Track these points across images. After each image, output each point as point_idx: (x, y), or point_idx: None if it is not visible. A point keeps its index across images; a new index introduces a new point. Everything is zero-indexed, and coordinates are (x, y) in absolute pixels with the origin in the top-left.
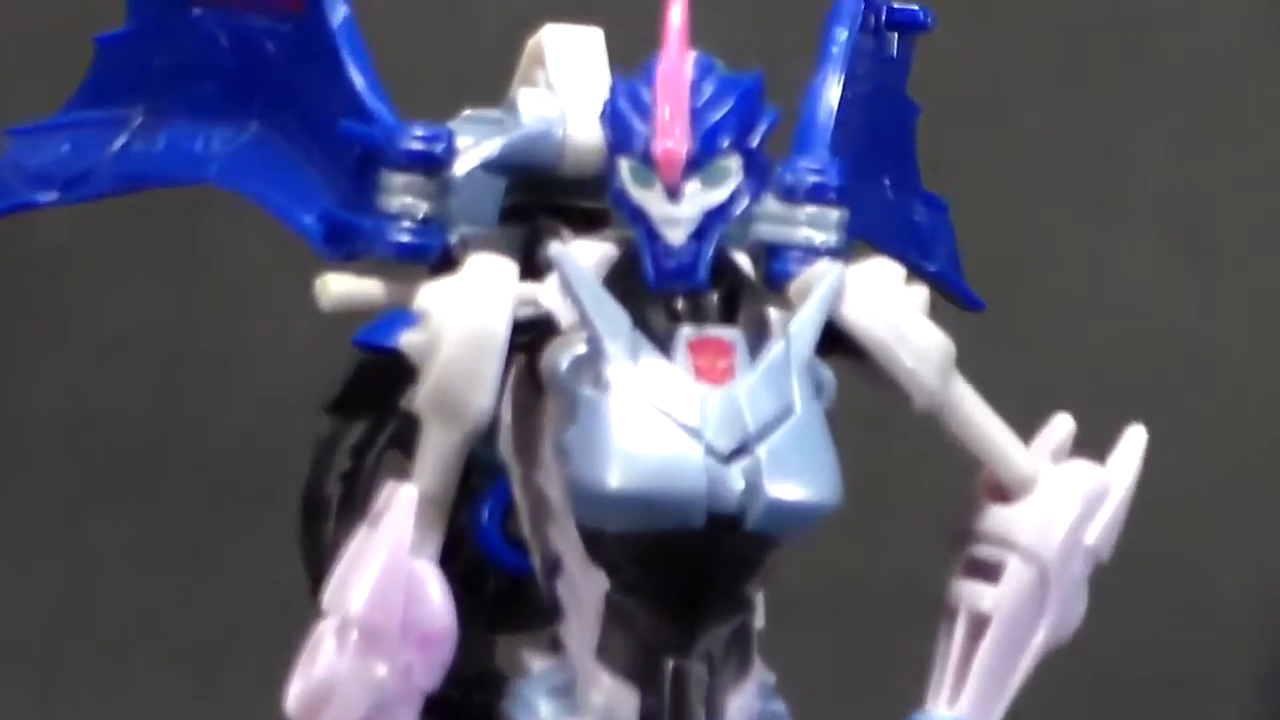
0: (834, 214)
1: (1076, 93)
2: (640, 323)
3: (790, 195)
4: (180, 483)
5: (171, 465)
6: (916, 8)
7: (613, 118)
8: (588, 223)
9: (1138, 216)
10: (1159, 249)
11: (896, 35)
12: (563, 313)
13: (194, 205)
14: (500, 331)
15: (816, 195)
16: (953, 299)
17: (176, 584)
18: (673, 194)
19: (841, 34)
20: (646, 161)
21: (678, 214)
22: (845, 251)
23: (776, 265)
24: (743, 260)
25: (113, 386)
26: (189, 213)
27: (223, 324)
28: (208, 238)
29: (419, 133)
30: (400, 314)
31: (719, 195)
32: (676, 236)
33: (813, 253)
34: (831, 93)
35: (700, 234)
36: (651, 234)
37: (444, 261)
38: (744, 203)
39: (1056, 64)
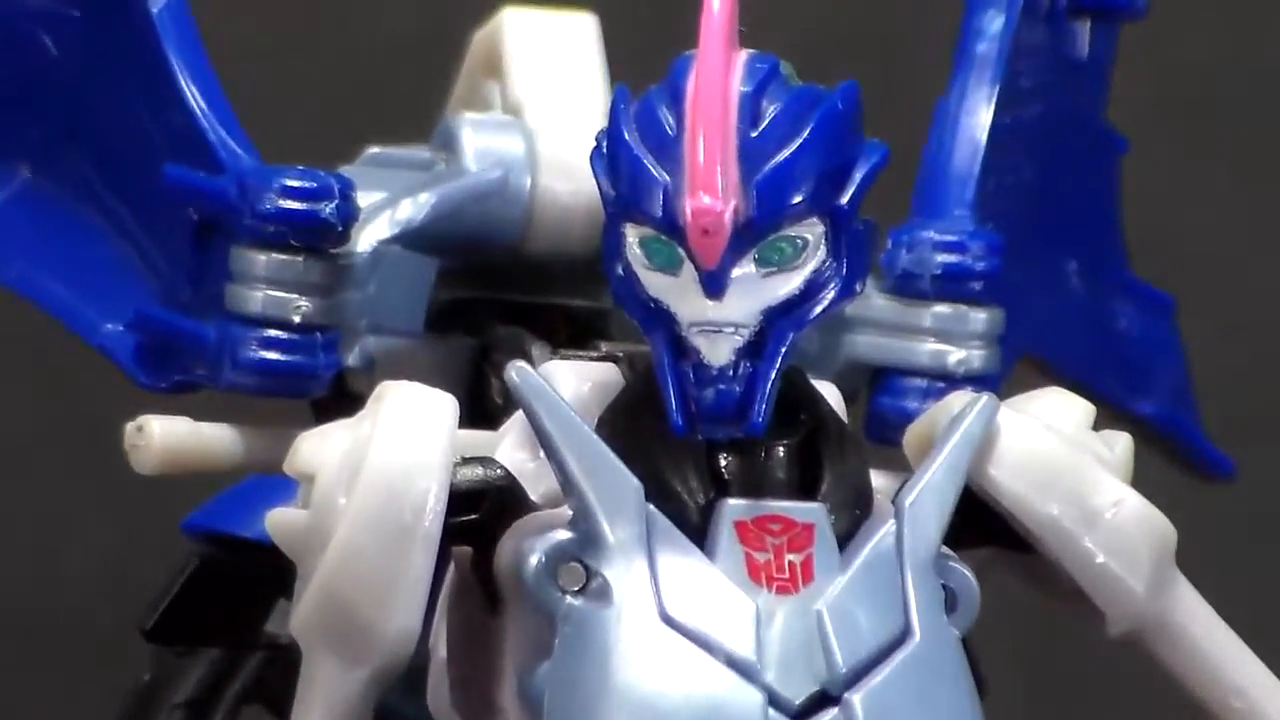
0: (980, 317)
1: None
2: (660, 493)
3: (908, 287)
4: None
5: None
6: None
7: (614, 159)
8: (572, 331)
9: None
10: None
11: (1088, 24)
12: (532, 476)
13: None
14: (429, 507)
15: (951, 287)
16: (1182, 457)
17: None
18: (713, 284)
19: (994, 21)
20: (671, 230)
21: (721, 316)
22: (998, 379)
23: (885, 400)
24: (828, 392)
25: None
26: None
27: None
28: None
29: (294, 183)
30: (264, 482)
31: (788, 286)
32: (718, 354)
33: (944, 380)
34: (977, 118)
35: (757, 349)
36: (678, 349)
37: (336, 395)
38: (829, 298)
39: None
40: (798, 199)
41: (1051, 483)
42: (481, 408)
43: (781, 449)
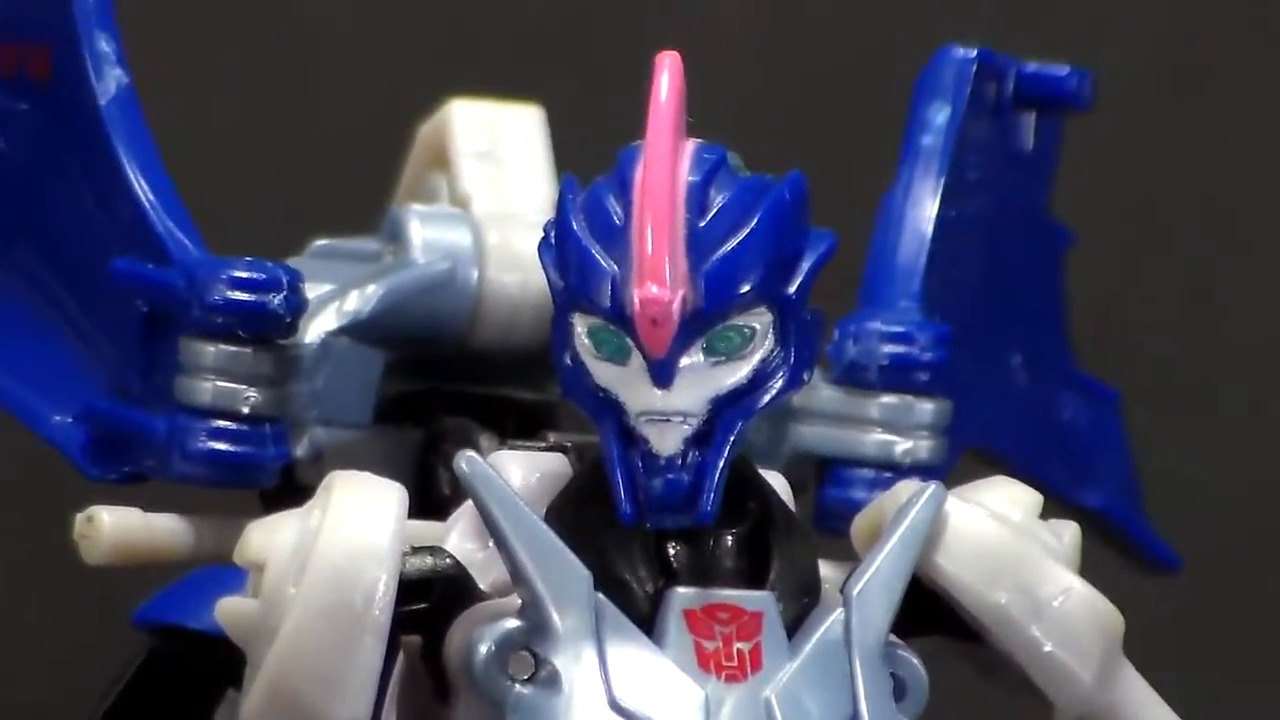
0: (927, 408)
1: None
2: (609, 582)
3: (855, 377)
4: None
5: None
6: (1065, 71)
7: (562, 250)
8: (520, 422)
9: None
10: None
11: (1034, 117)
12: (481, 566)
13: None
14: (379, 596)
15: (898, 377)
16: (1128, 549)
17: None
18: (661, 374)
19: (940, 114)
20: (619, 320)
21: (669, 405)
22: (944, 470)
23: (833, 491)
24: (776, 482)
25: None
26: None
27: None
28: None
29: (242, 274)
30: (215, 573)
31: (736, 375)
32: (667, 444)
33: (891, 471)
34: (923, 210)
35: (706, 438)
36: (626, 439)
37: (285, 486)
38: (777, 387)
39: None
40: (746, 288)
41: (999, 571)
42: (430, 498)
43: (730, 538)
